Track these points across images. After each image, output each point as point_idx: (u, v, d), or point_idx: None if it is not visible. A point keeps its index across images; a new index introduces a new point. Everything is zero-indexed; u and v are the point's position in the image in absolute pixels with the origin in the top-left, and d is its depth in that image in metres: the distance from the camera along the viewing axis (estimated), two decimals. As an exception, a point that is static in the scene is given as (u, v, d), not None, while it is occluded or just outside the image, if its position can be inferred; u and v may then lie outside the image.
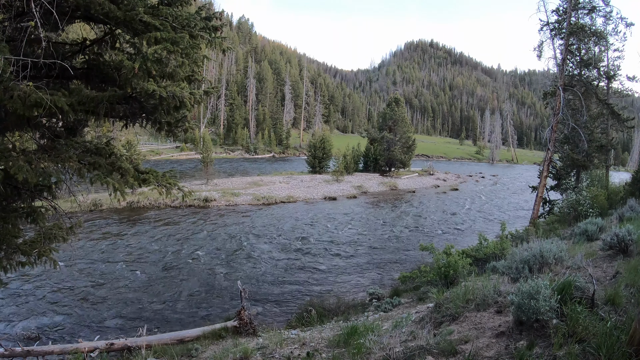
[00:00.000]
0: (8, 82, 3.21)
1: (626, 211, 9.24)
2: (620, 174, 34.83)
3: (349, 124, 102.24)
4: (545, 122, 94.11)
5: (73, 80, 4.38)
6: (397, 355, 3.26)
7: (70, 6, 3.63)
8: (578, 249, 6.20)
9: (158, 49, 3.69)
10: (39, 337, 7.42)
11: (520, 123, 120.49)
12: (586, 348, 2.53)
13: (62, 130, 4.52)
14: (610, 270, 4.42)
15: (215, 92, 5.76)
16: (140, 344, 6.27)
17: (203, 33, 4.16)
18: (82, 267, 11.15)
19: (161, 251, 13.03)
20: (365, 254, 13.85)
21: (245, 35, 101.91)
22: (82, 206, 16.64)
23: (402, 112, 39.14)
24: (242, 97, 68.80)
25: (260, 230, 16.43)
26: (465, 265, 7.80)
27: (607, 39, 16.23)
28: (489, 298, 4.02)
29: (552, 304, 3.02)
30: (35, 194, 4.57)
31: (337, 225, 18.07)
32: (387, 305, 7.83)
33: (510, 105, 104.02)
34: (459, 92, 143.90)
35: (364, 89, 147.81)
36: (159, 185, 4.53)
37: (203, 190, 22.66)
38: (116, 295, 9.51)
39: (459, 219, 20.90)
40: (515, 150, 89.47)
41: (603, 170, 18.54)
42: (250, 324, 6.72)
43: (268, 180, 29.30)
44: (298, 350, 4.53)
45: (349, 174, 34.18)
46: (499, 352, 2.94)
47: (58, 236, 4.73)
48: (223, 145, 58.15)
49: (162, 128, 4.68)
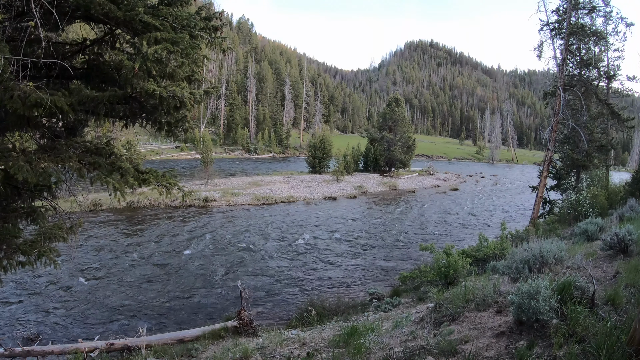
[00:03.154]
0: (8, 82, 3.21)
1: (626, 211, 9.24)
2: (620, 174, 34.80)
3: (349, 124, 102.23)
4: (545, 122, 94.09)
5: (73, 80, 4.37)
6: (397, 355, 3.26)
7: (70, 6, 3.63)
8: (578, 249, 6.20)
9: (158, 49, 3.69)
10: (39, 337, 7.41)
11: (520, 123, 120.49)
12: (586, 348, 2.53)
13: (62, 130, 4.52)
14: (610, 270, 4.42)
15: (215, 92, 5.75)
16: (140, 344, 6.27)
17: (203, 33, 4.15)
18: (82, 267, 11.15)
19: (161, 251, 13.03)
20: (365, 253, 13.85)
21: (245, 35, 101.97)
22: (82, 206, 16.62)
23: (402, 112, 39.13)
24: (242, 97, 68.81)
25: (260, 230, 16.44)
26: (465, 265, 7.81)
27: (607, 39, 16.24)
28: (489, 298, 4.02)
29: (552, 304, 3.02)
30: (35, 194, 4.57)
31: (337, 225, 18.06)
32: (387, 305, 7.84)
33: (510, 105, 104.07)
34: (459, 92, 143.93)
35: (364, 89, 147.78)
36: (159, 185, 4.52)
37: (203, 190, 22.65)
38: (116, 295, 9.51)
39: (459, 219, 20.90)
40: (515, 150, 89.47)
41: (603, 170, 18.53)
42: (250, 324, 6.73)
43: (268, 180, 29.29)
44: (298, 350, 4.53)
45: (349, 174, 34.17)
46: (499, 352, 2.94)
47: (58, 236, 4.72)
48: (223, 145, 58.17)
49: (162, 128, 4.68)
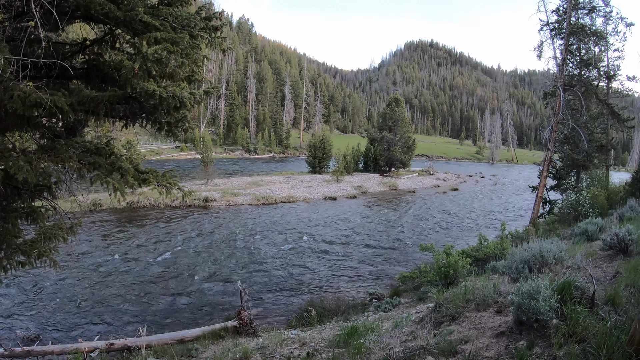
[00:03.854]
0: (8, 82, 3.21)
1: (626, 211, 9.24)
2: (620, 174, 34.80)
3: (349, 124, 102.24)
4: (545, 122, 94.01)
5: (73, 80, 4.37)
6: (397, 355, 3.26)
7: (70, 6, 3.63)
8: (578, 249, 6.20)
9: (158, 49, 3.69)
10: (39, 337, 7.41)
11: (520, 123, 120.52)
12: (586, 348, 2.53)
13: (62, 130, 4.52)
14: (610, 270, 4.42)
15: (215, 92, 5.76)
16: (140, 344, 6.27)
17: (203, 33, 4.15)
18: (82, 267, 11.15)
19: (161, 251, 13.03)
20: (365, 253, 13.85)
21: (245, 35, 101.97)
22: (82, 206, 16.62)
23: (402, 112, 39.13)
24: (242, 97, 68.82)
25: (260, 230, 16.43)
26: (465, 265, 7.81)
27: (607, 39, 16.24)
28: (489, 298, 4.02)
29: (552, 304, 3.02)
30: (35, 194, 4.57)
31: (337, 225, 18.06)
32: (387, 305, 7.83)
33: (510, 105, 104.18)
34: (459, 92, 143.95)
35: (364, 89, 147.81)
36: (159, 185, 4.52)
37: (203, 190, 22.65)
38: (116, 295, 9.50)
39: (459, 219, 20.90)
40: (515, 150, 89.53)
41: (603, 170, 18.54)
42: (250, 324, 6.72)
43: (268, 180, 29.29)
44: (298, 350, 4.53)
45: (349, 174, 34.17)
46: (499, 352, 2.94)
47: (58, 236, 4.72)
48: (223, 145, 58.16)
49: (162, 128, 4.68)
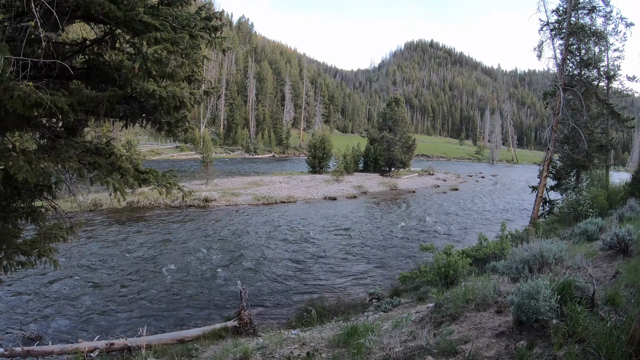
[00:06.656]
0: (8, 82, 3.21)
1: (626, 211, 9.24)
2: (620, 174, 34.77)
3: (349, 124, 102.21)
4: (545, 122, 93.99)
5: (73, 80, 4.37)
6: (397, 355, 3.26)
7: (70, 6, 3.62)
8: (578, 249, 6.20)
9: (158, 49, 3.69)
10: (39, 337, 7.41)
11: (520, 123, 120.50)
12: (586, 348, 2.53)
13: (62, 130, 4.51)
14: (610, 270, 4.42)
15: (215, 92, 5.75)
16: (140, 344, 6.27)
17: (203, 33, 4.15)
18: (82, 268, 11.15)
19: (160, 251, 13.03)
20: (365, 253, 13.85)
21: (245, 35, 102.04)
22: (82, 206, 16.62)
23: (402, 112, 39.13)
24: (242, 97, 68.79)
25: (260, 230, 16.43)
26: (465, 265, 7.81)
27: (607, 39, 16.23)
28: (489, 298, 4.02)
29: (552, 304, 3.02)
30: (35, 194, 4.57)
31: (337, 225, 18.06)
32: (387, 305, 7.84)
33: (510, 105, 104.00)
34: (459, 92, 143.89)
35: (364, 89, 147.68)
36: (159, 185, 4.52)
37: (203, 190, 22.65)
38: (116, 295, 9.51)
39: (459, 219, 20.90)
40: (515, 150, 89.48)
41: (603, 170, 18.51)
42: (250, 324, 6.72)
43: (268, 180, 29.29)
44: (298, 350, 4.53)
45: (349, 174, 34.16)
46: (499, 352, 2.94)
47: (58, 236, 4.72)
48: (223, 145, 58.14)
49: (162, 128, 4.67)
